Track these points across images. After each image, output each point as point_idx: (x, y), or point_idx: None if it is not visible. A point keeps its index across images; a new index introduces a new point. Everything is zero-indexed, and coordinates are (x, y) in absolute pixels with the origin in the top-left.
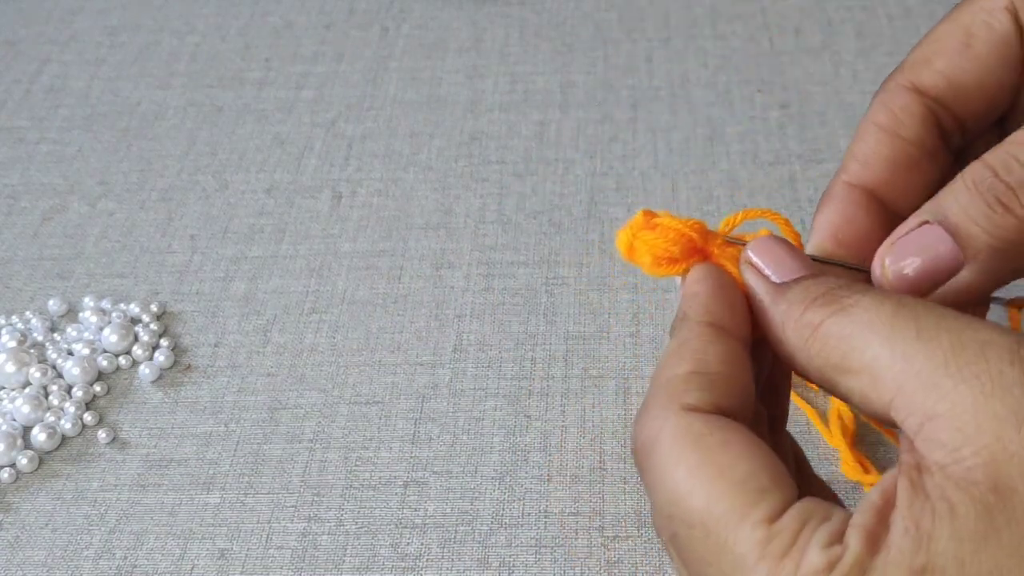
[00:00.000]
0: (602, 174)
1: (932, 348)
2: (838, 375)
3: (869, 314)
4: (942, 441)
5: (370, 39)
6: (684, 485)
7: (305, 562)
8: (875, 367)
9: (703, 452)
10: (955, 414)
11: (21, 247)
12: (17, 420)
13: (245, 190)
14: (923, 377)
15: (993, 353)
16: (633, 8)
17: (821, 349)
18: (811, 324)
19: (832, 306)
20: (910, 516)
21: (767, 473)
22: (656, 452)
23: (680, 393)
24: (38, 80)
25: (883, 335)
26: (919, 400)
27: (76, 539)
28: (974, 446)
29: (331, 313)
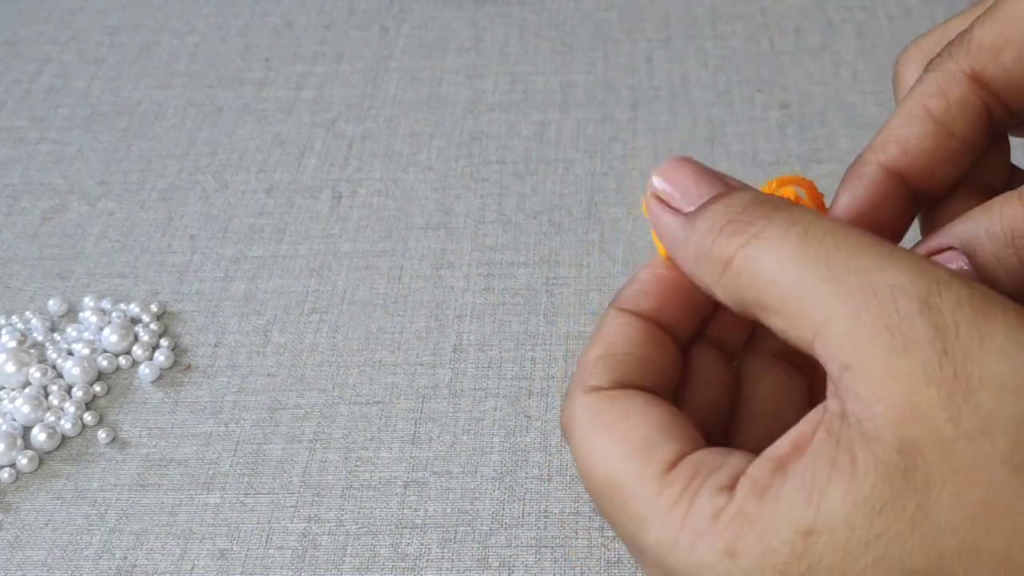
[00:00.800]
0: (602, 174)
1: (843, 293)
2: (758, 311)
3: (776, 248)
4: (858, 393)
5: (370, 39)
6: (590, 458)
7: (305, 562)
8: (790, 308)
9: (603, 426)
10: (868, 368)
11: (21, 247)
12: (17, 420)
13: (245, 190)
14: (836, 325)
15: (903, 303)
16: (633, 8)
17: (736, 287)
18: (721, 260)
19: (738, 236)
20: (810, 467)
21: (662, 430)
22: (570, 435)
23: (585, 377)
24: (38, 80)
25: (792, 274)
26: (835, 348)
27: (76, 539)
28: (884, 403)
29: (331, 313)
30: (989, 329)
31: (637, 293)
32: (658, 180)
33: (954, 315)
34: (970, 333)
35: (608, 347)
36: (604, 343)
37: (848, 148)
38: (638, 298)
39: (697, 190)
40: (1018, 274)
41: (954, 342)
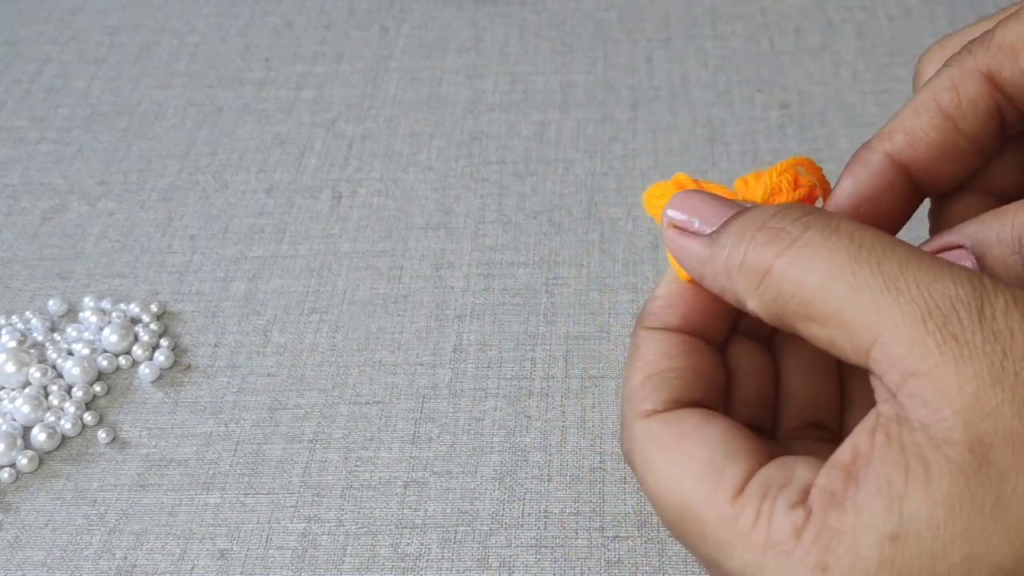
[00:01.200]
0: (602, 174)
1: (905, 303)
2: (800, 322)
3: (823, 257)
4: (926, 399)
5: (370, 39)
6: (659, 487)
7: (305, 562)
8: (845, 317)
9: (663, 452)
10: (937, 374)
11: (21, 247)
12: (17, 420)
13: (245, 190)
14: (901, 332)
15: (963, 312)
16: (633, 8)
17: (777, 296)
18: (759, 269)
19: (777, 244)
20: (883, 474)
21: (723, 450)
22: (634, 463)
23: (636, 402)
24: (38, 80)
25: (846, 283)
26: (900, 354)
27: (76, 539)
28: (954, 406)
29: (331, 313)
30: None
31: (663, 309)
32: (673, 211)
33: (1007, 320)
34: (1023, 334)
35: (650, 367)
36: (645, 364)
37: (848, 148)
38: (665, 314)
39: (714, 212)
40: (1021, 280)
41: (1011, 345)
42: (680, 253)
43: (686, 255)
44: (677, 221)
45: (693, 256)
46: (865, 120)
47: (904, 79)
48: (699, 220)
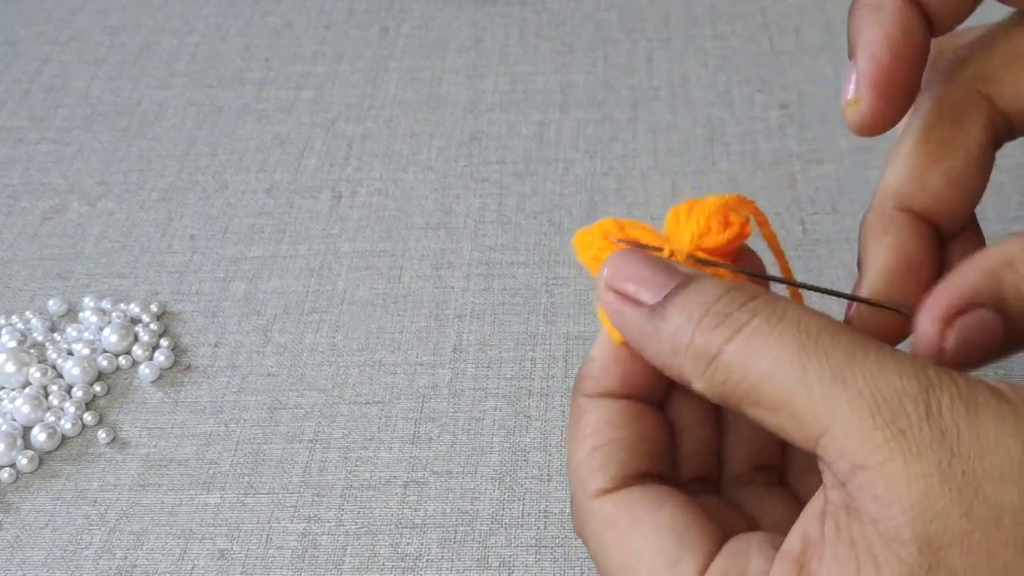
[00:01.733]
0: (602, 174)
1: (853, 396)
2: (748, 406)
3: (771, 346)
4: (875, 494)
5: (370, 39)
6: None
7: (305, 562)
8: (794, 406)
9: (617, 536)
10: (886, 469)
11: (21, 247)
12: (17, 420)
13: (245, 190)
14: (850, 426)
15: (910, 406)
16: (633, 8)
17: (725, 381)
18: (706, 355)
19: (722, 329)
20: (835, 570)
21: (677, 540)
22: (588, 543)
23: (585, 479)
24: (38, 80)
25: (795, 374)
26: (849, 447)
27: (76, 539)
28: (903, 503)
29: (331, 313)
30: (982, 424)
31: (600, 374)
32: (611, 275)
33: (953, 416)
34: (969, 431)
35: (594, 439)
36: (588, 436)
37: (848, 148)
38: (603, 379)
39: (655, 279)
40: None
41: (957, 442)
42: (620, 321)
43: (627, 325)
44: (617, 287)
45: (635, 328)
46: None
47: None
48: (638, 286)
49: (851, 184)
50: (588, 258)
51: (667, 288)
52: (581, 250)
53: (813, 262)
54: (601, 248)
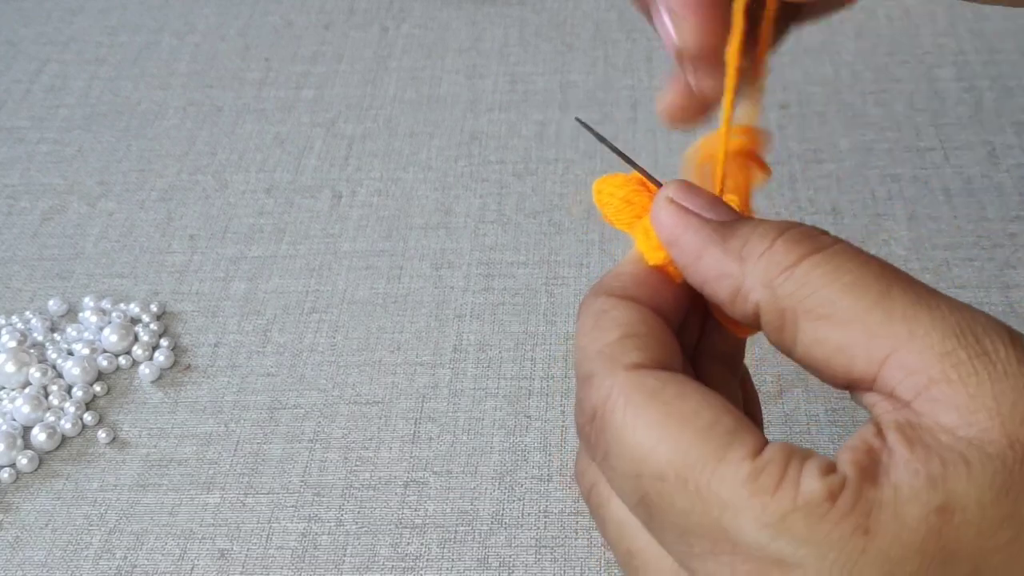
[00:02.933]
0: (602, 174)
1: (938, 319)
2: (810, 321)
3: (856, 264)
4: (956, 404)
5: (370, 39)
6: (649, 440)
7: (305, 562)
8: (869, 320)
9: (661, 404)
10: (971, 382)
11: (21, 247)
12: (17, 420)
13: (245, 190)
14: (932, 343)
15: (996, 336)
16: (633, 8)
17: (795, 291)
18: (782, 261)
19: (809, 244)
20: (916, 460)
21: (731, 417)
22: (612, 415)
23: (619, 356)
24: (38, 80)
25: (879, 290)
26: (928, 362)
27: (76, 539)
28: (990, 411)
29: (331, 313)
30: None
31: (631, 283)
32: (676, 192)
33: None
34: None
35: (626, 328)
36: (619, 326)
37: (848, 148)
38: (633, 287)
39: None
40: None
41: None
42: (680, 229)
43: (689, 232)
44: (681, 202)
45: (698, 235)
46: (865, 120)
47: (904, 79)
48: (706, 209)
49: (851, 184)
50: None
51: (733, 216)
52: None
53: None
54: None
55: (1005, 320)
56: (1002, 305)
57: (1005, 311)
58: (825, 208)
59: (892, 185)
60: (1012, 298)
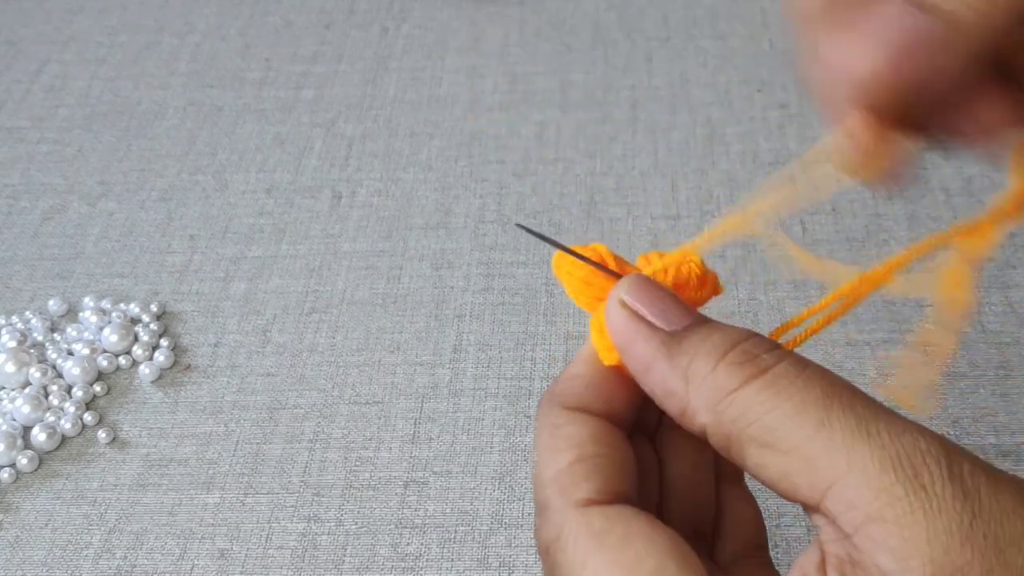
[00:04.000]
0: (602, 174)
1: (876, 447)
2: (754, 447)
3: (797, 389)
4: (890, 546)
5: (370, 39)
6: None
7: (305, 562)
8: (808, 452)
9: (607, 551)
10: (905, 523)
11: (21, 247)
12: (17, 420)
13: (245, 190)
14: (870, 477)
15: (933, 465)
16: (633, 8)
17: (737, 418)
18: (725, 387)
19: (750, 367)
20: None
21: (675, 561)
22: (561, 553)
23: (571, 489)
24: (38, 80)
25: (817, 418)
26: (865, 498)
27: (76, 539)
28: (923, 557)
29: (331, 313)
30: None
31: (584, 390)
32: (629, 295)
33: (974, 480)
34: (989, 497)
35: (578, 451)
36: (572, 446)
37: None
38: (587, 396)
39: (675, 311)
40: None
41: (979, 505)
42: (629, 339)
43: (638, 342)
44: (632, 306)
45: (647, 346)
46: None
47: None
48: (656, 313)
49: (851, 184)
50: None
51: (685, 322)
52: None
53: None
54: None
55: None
56: (1002, 305)
57: (1005, 311)
58: (825, 208)
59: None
60: (1012, 298)
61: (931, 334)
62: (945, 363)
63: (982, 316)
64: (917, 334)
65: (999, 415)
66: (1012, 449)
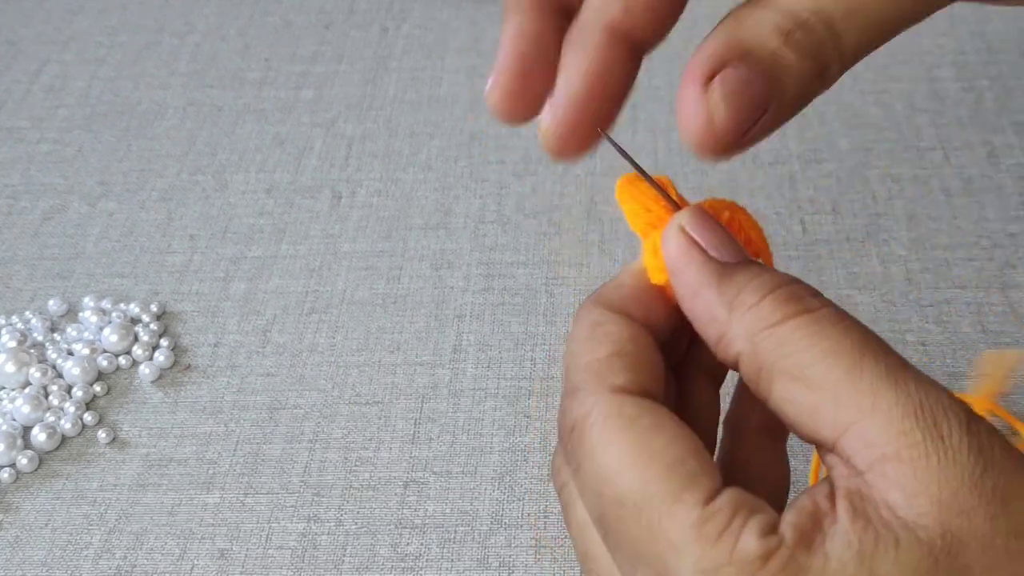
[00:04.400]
0: (602, 174)
1: (903, 396)
2: (785, 380)
3: (836, 331)
4: (902, 483)
5: (370, 39)
6: (616, 465)
7: (305, 562)
8: (837, 390)
9: (635, 434)
10: (919, 464)
11: (21, 247)
12: (17, 420)
13: (245, 190)
14: (891, 420)
15: (953, 419)
16: None
17: (774, 349)
18: (767, 318)
19: (796, 305)
20: (853, 532)
21: (697, 459)
22: (588, 432)
23: (607, 375)
24: (38, 80)
25: (851, 360)
26: (883, 438)
27: (76, 539)
28: (930, 496)
29: (331, 313)
30: (1012, 458)
31: (628, 297)
32: (691, 222)
33: (989, 440)
34: (1003, 454)
35: (617, 346)
36: (611, 341)
37: (848, 148)
38: (629, 302)
39: (732, 247)
40: (795, 68)
41: (992, 462)
42: (683, 263)
43: (691, 267)
44: (692, 234)
45: (699, 274)
46: (865, 120)
47: (904, 79)
48: (715, 246)
49: (851, 184)
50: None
51: (738, 259)
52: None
53: (813, 261)
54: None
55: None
56: (1002, 305)
57: (1005, 311)
58: (825, 208)
59: (892, 185)
60: (1012, 298)
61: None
62: None
63: (982, 316)
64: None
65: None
66: None
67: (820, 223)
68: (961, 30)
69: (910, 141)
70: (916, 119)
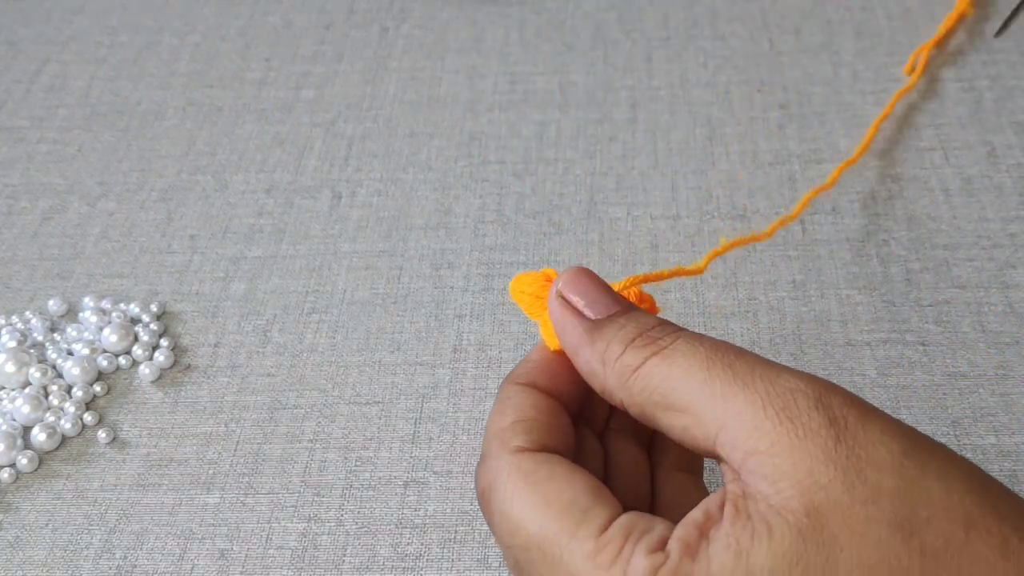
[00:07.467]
0: (602, 174)
1: (749, 392)
2: (660, 412)
3: (687, 358)
4: (764, 473)
5: (370, 39)
6: (519, 515)
7: (305, 562)
8: (697, 407)
9: (532, 484)
10: (774, 451)
11: (21, 247)
12: (17, 420)
13: (245, 190)
14: (744, 418)
15: (801, 400)
16: (633, 8)
17: (643, 389)
18: (631, 366)
19: (649, 348)
20: (732, 533)
21: (589, 495)
22: (495, 491)
23: (509, 439)
24: (38, 80)
25: (701, 378)
26: (742, 437)
27: (76, 539)
28: (790, 479)
29: (331, 313)
30: (870, 422)
31: (533, 370)
32: (565, 286)
33: (843, 411)
34: (856, 425)
35: (519, 413)
36: (515, 411)
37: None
38: (535, 374)
39: (603, 303)
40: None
41: (845, 431)
42: (562, 325)
43: (568, 330)
44: (566, 297)
45: (574, 334)
46: (865, 120)
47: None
48: (587, 303)
49: (851, 184)
50: (527, 295)
51: (610, 311)
52: (519, 288)
53: (813, 261)
54: (543, 287)
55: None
56: (1002, 305)
57: (1005, 311)
58: (825, 208)
59: (892, 185)
60: (1012, 298)
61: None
62: None
63: (982, 316)
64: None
65: (999, 415)
66: (1012, 449)
67: (820, 223)
68: (961, 30)
69: (910, 141)
70: (916, 119)
